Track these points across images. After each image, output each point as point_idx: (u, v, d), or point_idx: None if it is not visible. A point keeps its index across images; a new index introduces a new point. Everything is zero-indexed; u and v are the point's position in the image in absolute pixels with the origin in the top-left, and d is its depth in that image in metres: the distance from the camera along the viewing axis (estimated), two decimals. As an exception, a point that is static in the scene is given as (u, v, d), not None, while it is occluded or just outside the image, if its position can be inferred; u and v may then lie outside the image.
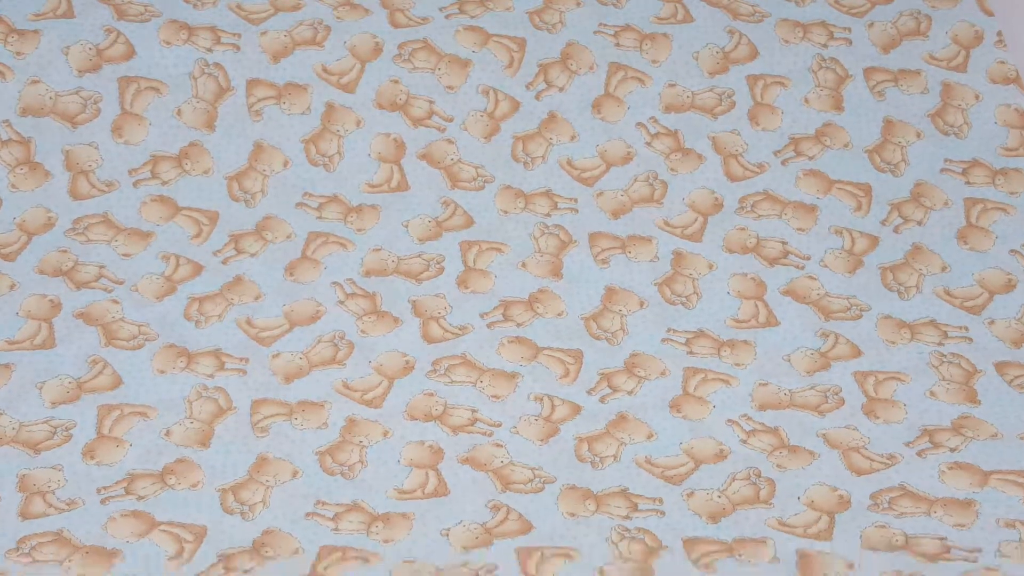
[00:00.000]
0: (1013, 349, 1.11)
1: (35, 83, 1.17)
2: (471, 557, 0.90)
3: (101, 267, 1.12)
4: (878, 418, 1.04)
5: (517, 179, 1.21)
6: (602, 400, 1.05)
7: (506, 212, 1.19)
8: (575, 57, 1.25)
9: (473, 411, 1.03)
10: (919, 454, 1.01)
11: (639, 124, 1.23)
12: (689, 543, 0.92)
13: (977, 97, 1.26)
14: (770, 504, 0.96)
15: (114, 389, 1.02)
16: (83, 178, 1.16)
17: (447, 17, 1.25)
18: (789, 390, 1.07)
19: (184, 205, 1.17)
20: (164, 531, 0.92)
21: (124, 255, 1.13)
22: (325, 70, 1.22)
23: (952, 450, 1.01)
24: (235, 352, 1.06)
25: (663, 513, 0.95)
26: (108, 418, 1.00)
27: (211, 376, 1.04)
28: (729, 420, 1.03)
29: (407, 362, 1.06)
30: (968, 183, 1.22)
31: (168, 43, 1.20)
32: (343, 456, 0.98)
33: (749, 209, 1.20)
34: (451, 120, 1.22)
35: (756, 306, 1.13)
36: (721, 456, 1.00)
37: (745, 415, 1.04)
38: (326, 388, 1.04)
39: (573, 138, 1.23)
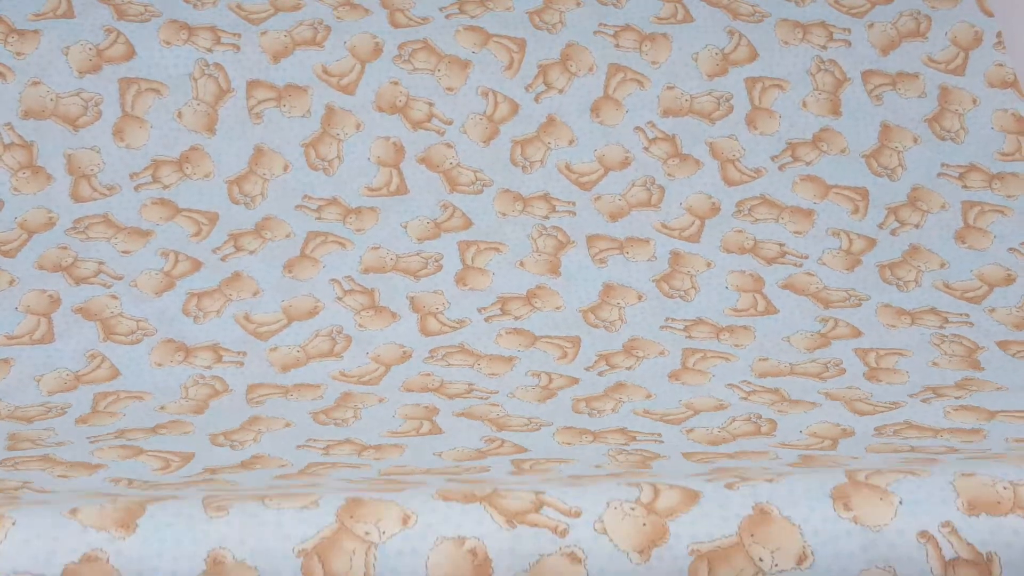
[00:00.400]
0: (1015, 331, 1.11)
1: (36, 84, 1.17)
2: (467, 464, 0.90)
3: (100, 263, 1.13)
4: (880, 381, 1.05)
5: (515, 183, 1.21)
6: (600, 375, 1.05)
7: (504, 214, 1.19)
8: (575, 58, 1.25)
9: (470, 384, 1.03)
10: (923, 401, 1.01)
11: (637, 128, 1.24)
12: (688, 455, 0.92)
13: (974, 102, 1.26)
14: (772, 435, 0.96)
15: (111, 380, 1.03)
16: (85, 182, 1.17)
17: (447, 17, 1.26)
18: (790, 363, 1.07)
19: (184, 207, 1.18)
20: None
21: (124, 252, 1.14)
22: (325, 71, 1.22)
23: (957, 398, 1.01)
24: (233, 347, 1.06)
25: (662, 442, 0.94)
26: (104, 401, 1.01)
27: (208, 368, 1.04)
28: (729, 384, 1.04)
29: (404, 352, 1.06)
30: (965, 187, 1.23)
31: (168, 43, 1.20)
32: (337, 414, 1.00)
33: (746, 213, 1.21)
34: (450, 123, 1.22)
35: (755, 298, 1.14)
36: (721, 407, 1.00)
37: (745, 380, 1.04)
38: (323, 376, 1.04)
39: (571, 142, 1.23)
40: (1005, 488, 0.72)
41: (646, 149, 1.24)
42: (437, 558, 0.68)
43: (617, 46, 1.26)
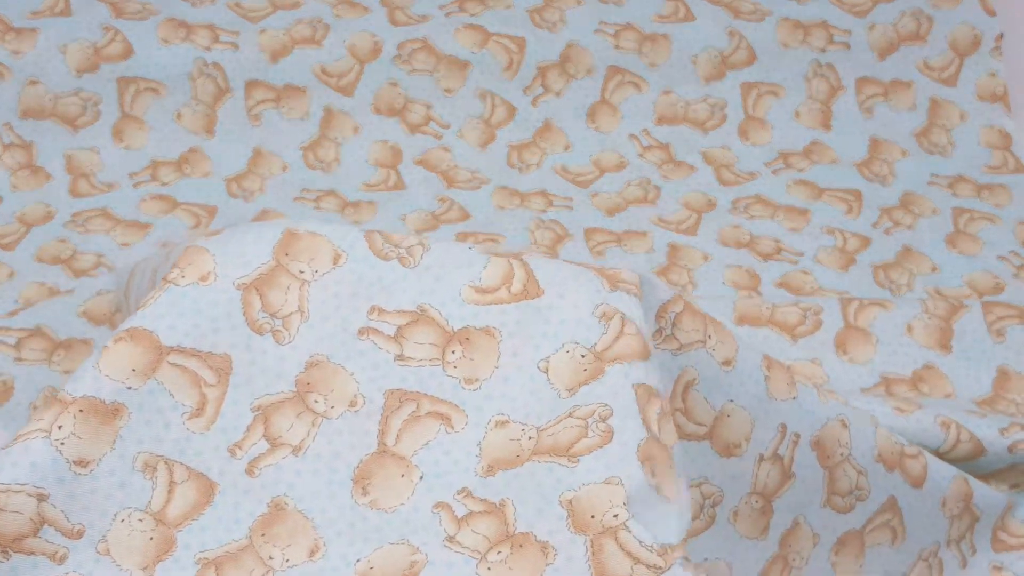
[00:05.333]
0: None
1: (34, 83, 1.17)
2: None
3: (100, 255, 1.14)
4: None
5: (512, 182, 1.23)
6: None
7: (502, 208, 1.21)
8: (574, 60, 1.25)
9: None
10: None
11: (632, 136, 1.25)
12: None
13: (962, 117, 1.27)
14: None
15: None
16: (84, 180, 1.18)
17: (447, 15, 1.25)
18: (771, 304, 1.11)
19: (183, 201, 1.19)
20: None
21: (123, 244, 1.15)
22: (324, 71, 1.22)
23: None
24: None
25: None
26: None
27: None
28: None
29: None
30: (955, 195, 1.25)
31: (166, 41, 1.19)
32: None
33: (742, 211, 1.23)
34: (448, 127, 1.23)
35: (750, 296, 1.16)
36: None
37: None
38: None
39: (567, 148, 1.24)
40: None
41: (640, 156, 1.25)
42: None
43: (617, 47, 1.26)
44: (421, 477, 0.69)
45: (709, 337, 0.76)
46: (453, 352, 0.71)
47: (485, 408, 0.71)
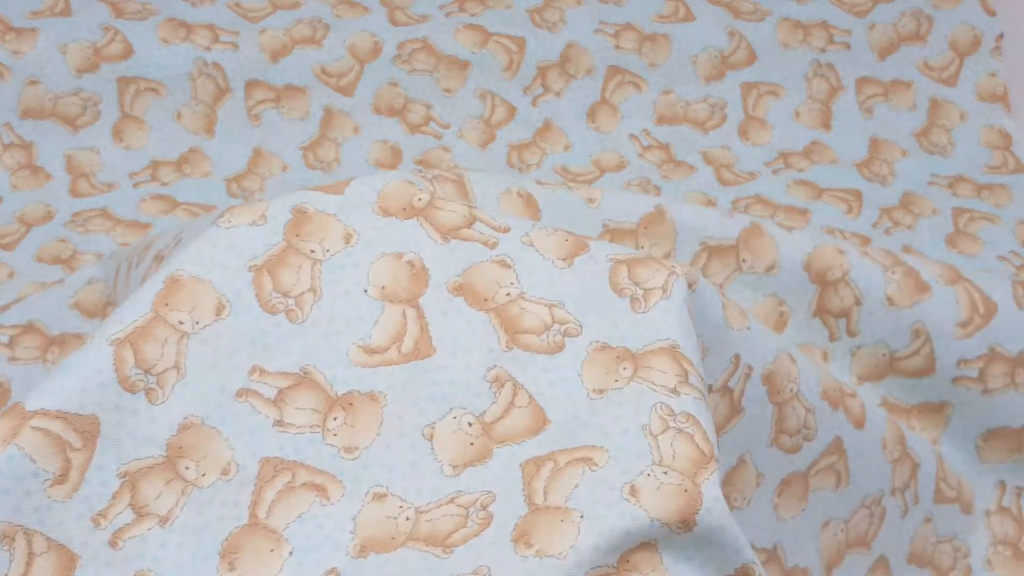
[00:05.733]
0: None
1: (34, 84, 1.17)
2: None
3: (100, 255, 1.14)
4: None
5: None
6: None
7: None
8: (574, 60, 1.25)
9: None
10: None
11: (632, 136, 1.25)
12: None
13: (962, 117, 1.27)
14: None
15: None
16: (84, 180, 1.18)
17: (447, 15, 1.25)
18: None
19: (183, 201, 1.19)
20: None
21: (123, 244, 1.15)
22: (324, 71, 1.22)
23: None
24: None
25: None
26: None
27: None
28: None
29: None
30: (955, 195, 1.25)
31: (166, 41, 1.19)
32: None
33: (742, 210, 1.23)
34: (448, 127, 1.23)
35: None
36: None
37: None
38: None
39: (567, 148, 1.24)
40: None
41: (640, 156, 1.25)
42: (378, 270, 0.71)
43: (617, 47, 1.26)
44: (291, 552, 0.65)
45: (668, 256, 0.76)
46: (335, 419, 0.67)
47: (363, 478, 0.67)
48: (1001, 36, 1.31)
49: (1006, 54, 1.31)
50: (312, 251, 0.71)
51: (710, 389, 0.74)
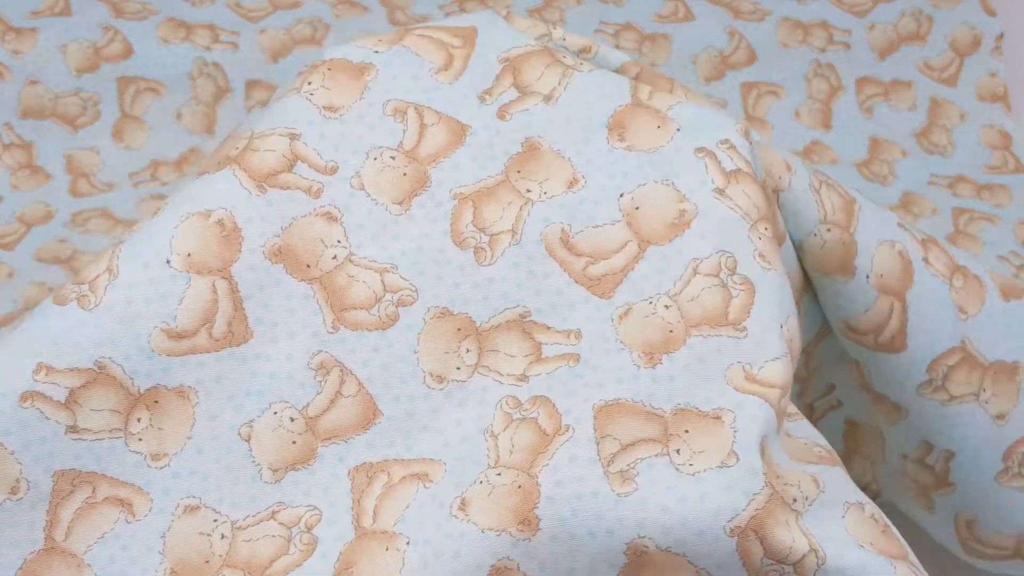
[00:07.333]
0: None
1: (34, 83, 1.17)
2: None
3: (99, 255, 1.15)
4: None
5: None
6: None
7: None
8: (573, 60, 1.25)
9: None
10: None
11: None
12: None
13: (962, 117, 1.27)
14: None
15: None
16: (84, 180, 1.18)
17: (447, 15, 1.25)
18: None
19: (183, 201, 1.20)
20: None
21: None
22: None
23: None
24: None
25: None
26: None
27: None
28: None
29: None
30: (955, 195, 1.25)
31: (166, 41, 1.20)
32: None
33: None
34: (447, 127, 1.23)
35: None
36: None
37: None
38: None
39: None
40: None
41: None
42: (183, 233, 0.62)
43: (617, 47, 1.26)
44: None
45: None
46: (139, 420, 0.59)
47: (173, 489, 0.59)
48: (1001, 36, 1.31)
49: (1006, 54, 1.31)
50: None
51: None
